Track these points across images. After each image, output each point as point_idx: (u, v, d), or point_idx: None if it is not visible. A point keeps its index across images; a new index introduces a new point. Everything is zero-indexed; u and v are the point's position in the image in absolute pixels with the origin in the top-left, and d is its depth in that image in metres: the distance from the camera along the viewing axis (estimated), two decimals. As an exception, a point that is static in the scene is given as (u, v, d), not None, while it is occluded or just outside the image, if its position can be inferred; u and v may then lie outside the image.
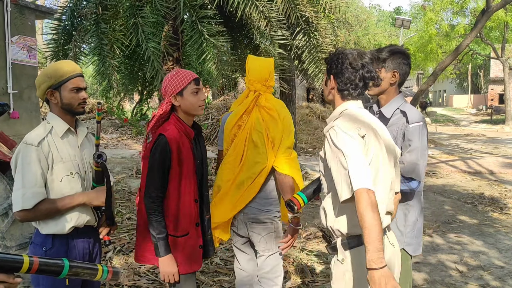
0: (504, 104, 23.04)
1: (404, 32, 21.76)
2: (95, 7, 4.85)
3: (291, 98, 7.49)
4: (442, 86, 47.60)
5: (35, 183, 1.83)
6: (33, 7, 8.71)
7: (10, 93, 8.15)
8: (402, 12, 41.31)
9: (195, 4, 4.43)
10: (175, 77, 2.06)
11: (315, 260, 4.10)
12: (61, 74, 1.92)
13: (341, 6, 5.72)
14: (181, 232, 2.07)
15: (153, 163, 2.02)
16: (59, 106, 1.95)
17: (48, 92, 1.94)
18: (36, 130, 1.93)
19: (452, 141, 15.28)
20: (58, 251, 1.90)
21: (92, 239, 2.06)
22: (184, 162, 2.05)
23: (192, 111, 2.09)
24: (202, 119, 13.74)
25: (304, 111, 14.34)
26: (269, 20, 4.44)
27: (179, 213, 2.05)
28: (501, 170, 8.95)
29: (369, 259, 1.50)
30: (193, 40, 4.48)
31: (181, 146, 2.04)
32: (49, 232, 1.90)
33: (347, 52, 1.79)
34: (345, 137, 1.65)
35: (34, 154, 1.84)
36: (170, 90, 2.06)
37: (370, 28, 24.28)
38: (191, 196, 2.09)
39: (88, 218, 1.98)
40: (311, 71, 5.61)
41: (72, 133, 2.01)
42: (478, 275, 3.86)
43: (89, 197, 1.94)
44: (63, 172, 1.91)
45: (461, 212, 5.96)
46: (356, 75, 1.76)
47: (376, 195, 1.57)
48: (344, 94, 1.80)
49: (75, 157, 1.97)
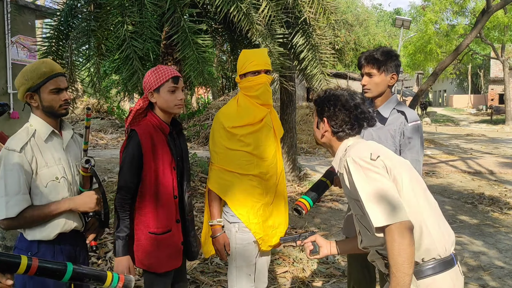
0: (504, 104, 23.04)
1: (404, 32, 21.76)
2: (88, 4, 4.87)
3: (291, 98, 7.47)
4: (442, 86, 47.62)
5: (18, 190, 1.75)
6: (33, 7, 8.71)
7: (10, 93, 8.16)
8: (402, 13, 41.32)
9: (182, 2, 4.43)
10: (153, 74, 2.02)
11: (315, 260, 4.10)
12: (39, 75, 1.82)
13: (340, 7, 5.72)
14: (163, 229, 2.02)
15: (124, 159, 1.99)
16: (40, 109, 1.87)
17: (27, 95, 1.85)
18: (18, 135, 1.84)
19: (452, 141, 15.28)
20: (44, 256, 1.83)
21: (79, 244, 2.00)
22: (159, 157, 2.00)
23: (168, 109, 2.03)
24: (202, 119, 13.75)
25: (304, 111, 14.35)
26: (255, 23, 4.43)
27: (158, 209, 2.01)
28: (501, 170, 8.95)
29: None
30: (177, 37, 4.49)
31: (155, 142, 2.00)
32: (34, 238, 1.84)
33: (338, 94, 1.74)
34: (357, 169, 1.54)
35: (17, 160, 1.76)
36: (148, 86, 2.02)
37: (370, 28, 24.28)
38: (169, 192, 2.04)
39: (75, 224, 1.92)
40: (310, 71, 5.60)
41: (57, 136, 1.94)
42: (478, 275, 3.86)
43: (76, 203, 1.88)
44: (48, 178, 1.84)
45: (461, 212, 5.96)
46: (351, 116, 1.70)
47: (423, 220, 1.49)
48: (340, 136, 1.73)
49: (60, 161, 1.90)
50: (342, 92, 1.75)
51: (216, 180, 2.22)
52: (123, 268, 1.95)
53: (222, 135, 2.20)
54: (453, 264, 1.56)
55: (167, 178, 2.03)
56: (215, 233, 2.22)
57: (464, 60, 26.93)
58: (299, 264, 3.94)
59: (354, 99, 1.73)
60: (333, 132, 1.74)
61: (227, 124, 2.18)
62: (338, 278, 3.69)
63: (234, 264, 2.23)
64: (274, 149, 2.29)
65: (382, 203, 1.44)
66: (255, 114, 2.21)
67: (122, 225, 1.96)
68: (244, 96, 2.25)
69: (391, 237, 1.40)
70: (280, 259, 4.01)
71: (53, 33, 5.12)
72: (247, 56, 2.23)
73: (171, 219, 2.05)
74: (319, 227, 5.17)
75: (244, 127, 2.19)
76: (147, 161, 1.98)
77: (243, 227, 2.19)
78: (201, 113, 14.52)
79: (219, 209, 2.25)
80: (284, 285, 3.57)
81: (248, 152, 2.18)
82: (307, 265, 3.94)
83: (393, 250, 1.39)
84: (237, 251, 2.22)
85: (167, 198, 2.03)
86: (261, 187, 2.22)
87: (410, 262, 1.39)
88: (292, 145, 7.53)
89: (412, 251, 1.40)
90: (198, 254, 2.27)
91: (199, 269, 3.76)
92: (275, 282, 3.61)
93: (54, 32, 5.12)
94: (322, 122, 1.76)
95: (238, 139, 2.18)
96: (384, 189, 1.47)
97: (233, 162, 2.18)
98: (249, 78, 2.20)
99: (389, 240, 1.41)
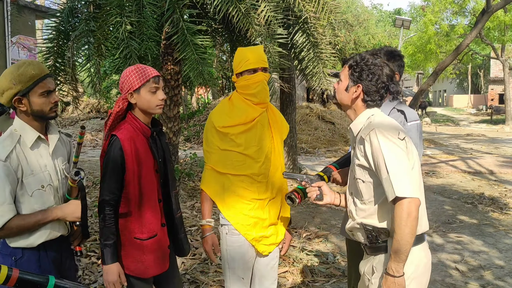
0: (504, 104, 23.04)
1: (404, 32, 21.76)
2: (87, 5, 4.87)
3: (291, 98, 7.48)
4: (442, 86, 47.63)
5: (3, 200, 1.70)
6: (33, 7, 8.72)
7: (10, 93, 8.16)
8: (402, 13, 41.30)
9: (181, 3, 4.43)
10: (133, 73, 1.93)
11: (315, 260, 4.10)
12: (28, 78, 1.75)
13: (340, 7, 5.73)
14: (148, 234, 1.98)
15: (106, 166, 1.92)
16: (28, 113, 1.80)
17: (15, 100, 1.77)
18: (3, 143, 1.76)
19: (452, 141, 15.28)
20: (29, 261, 1.80)
21: (64, 249, 1.96)
22: (142, 162, 1.95)
23: (149, 110, 1.97)
24: (202, 119, 13.75)
25: (304, 111, 14.33)
26: (254, 23, 4.43)
27: (142, 214, 1.96)
28: (501, 170, 8.95)
29: (389, 265, 1.61)
30: (177, 37, 4.49)
31: (137, 146, 1.94)
32: (18, 246, 1.79)
33: (378, 64, 1.77)
34: (387, 142, 1.64)
35: (2, 170, 1.69)
36: (127, 87, 1.93)
37: (370, 28, 24.28)
38: (154, 196, 2.00)
39: (60, 233, 1.88)
40: (310, 71, 5.60)
41: (43, 141, 1.87)
42: (478, 275, 3.86)
43: (64, 213, 1.82)
44: (34, 186, 1.78)
45: (461, 212, 5.96)
46: (385, 88, 1.76)
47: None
48: (369, 104, 1.79)
49: (46, 168, 1.83)
50: (380, 62, 1.78)
51: (208, 181, 2.21)
52: (114, 276, 1.90)
53: (214, 135, 2.17)
54: (424, 239, 1.79)
55: (150, 183, 1.99)
56: (204, 233, 2.21)
57: (464, 60, 26.94)
58: (299, 264, 3.94)
59: (389, 70, 1.78)
60: (363, 100, 1.78)
61: (217, 124, 2.15)
62: (338, 278, 3.69)
63: (227, 266, 2.21)
64: (268, 149, 2.24)
65: (405, 177, 1.58)
66: (248, 114, 2.16)
67: (109, 232, 1.91)
68: (238, 95, 2.20)
69: (403, 209, 1.56)
70: (280, 259, 4.01)
71: (54, 33, 5.13)
72: (243, 54, 2.17)
73: (156, 223, 2.01)
74: (319, 227, 5.17)
75: (235, 127, 2.15)
76: (130, 167, 1.91)
77: (233, 229, 2.16)
78: (201, 113, 14.51)
79: (210, 209, 2.23)
80: (284, 285, 3.57)
81: (239, 153, 2.14)
82: (307, 265, 3.94)
83: (402, 220, 1.56)
84: (228, 254, 2.19)
85: (152, 203, 1.99)
86: (253, 189, 2.17)
87: (413, 233, 1.57)
88: (292, 145, 7.53)
89: (416, 225, 1.58)
90: (189, 251, 2.26)
91: (199, 269, 3.76)
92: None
93: (55, 32, 5.13)
94: (356, 87, 1.78)
95: (230, 139, 2.14)
96: (407, 166, 1.62)
97: (226, 162, 2.16)
98: (246, 76, 2.14)
99: (400, 211, 1.56)
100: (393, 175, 1.59)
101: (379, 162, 1.63)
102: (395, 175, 1.58)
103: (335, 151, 11.73)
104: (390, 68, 1.80)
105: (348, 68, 1.82)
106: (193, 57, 4.36)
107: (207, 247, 2.21)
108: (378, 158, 1.64)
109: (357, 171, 1.77)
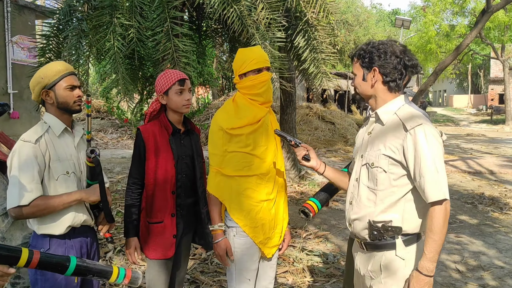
0: (504, 104, 23.03)
1: (404, 32, 21.75)
2: (82, 4, 4.89)
3: (291, 98, 7.47)
4: (442, 86, 47.64)
5: (32, 179, 1.83)
6: (33, 7, 8.72)
7: (10, 93, 8.17)
8: (401, 13, 41.26)
9: (170, 4, 4.43)
10: (162, 77, 2.20)
11: (315, 260, 4.10)
12: (54, 73, 1.95)
13: (340, 7, 5.75)
14: (155, 220, 2.19)
15: (133, 153, 2.22)
16: (55, 106, 1.98)
17: (43, 93, 1.96)
18: (33, 129, 1.95)
19: (452, 141, 15.28)
20: (56, 252, 1.90)
21: (90, 239, 2.07)
22: (160, 154, 2.17)
23: (177, 110, 2.21)
24: (202, 119, 13.77)
25: (304, 111, 14.33)
26: (248, 25, 4.43)
27: (153, 202, 2.18)
28: (501, 170, 8.95)
29: (423, 264, 1.61)
30: (160, 37, 4.50)
31: (158, 139, 2.17)
32: (45, 232, 1.91)
33: (385, 42, 1.74)
34: (434, 141, 1.65)
35: (31, 151, 1.85)
36: (158, 90, 2.20)
37: (370, 28, 24.28)
38: (167, 187, 2.18)
39: (84, 218, 2.00)
40: (311, 71, 5.60)
41: (69, 133, 2.04)
42: (478, 275, 3.86)
43: (86, 193, 1.95)
44: (60, 171, 1.92)
45: (461, 212, 5.96)
46: (401, 63, 1.71)
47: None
48: (391, 86, 1.74)
49: (72, 157, 1.99)
50: (387, 41, 1.76)
51: (215, 184, 2.18)
52: (130, 248, 2.17)
53: (221, 137, 2.15)
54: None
55: (166, 175, 2.17)
56: (216, 238, 2.17)
57: (464, 60, 26.94)
58: (299, 264, 3.94)
59: (400, 46, 1.75)
60: (384, 82, 1.74)
61: (225, 126, 2.13)
62: (338, 278, 3.69)
63: (234, 268, 2.20)
64: (273, 149, 2.25)
65: (444, 179, 1.62)
66: (255, 114, 2.16)
67: (129, 212, 2.18)
68: (242, 96, 2.19)
69: (443, 211, 1.59)
70: (280, 259, 4.01)
71: (51, 31, 5.13)
72: (246, 54, 2.17)
73: (165, 211, 2.19)
74: (319, 227, 5.18)
75: (244, 128, 2.14)
76: (150, 157, 2.16)
77: (241, 231, 2.15)
78: (201, 113, 14.53)
79: (219, 213, 2.20)
80: (284, 285, 3.57)
81: (247, 153, 2.13)
82: (307, 265, 3.94)
83: (440, 221, 1.59)
84: (236, 256, 2.18)
85: (164, 192, 2.18)
86: (261, 189, 2.17)
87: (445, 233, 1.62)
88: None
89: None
90: (212, 246, 2.26)
91: (199, 269, 3.76)
92: (275, 282, 3.60)
93: (52, 30, 5.13)
94: (372, 72, 1.74)
95: (238, 140, 2.13)
96: (443, 168, 1.65)
97: (232, 164, 2.14)
98: (251, 77, 2.13)
99: (441, 212, 1.59)
100: (440, 176, 1.61)
101: (422, 159, 1.61)
102: (442, 176, 1.61)
103: (335, 151, 11.73)
104: (400, 43, 1.77)
105: (357, 59, 1.79)
106: (171, 57, 4.39)
107: (221, 251, 2.16)
108: (422, 155, 1.61)
109: (382, 160, 1.71)
